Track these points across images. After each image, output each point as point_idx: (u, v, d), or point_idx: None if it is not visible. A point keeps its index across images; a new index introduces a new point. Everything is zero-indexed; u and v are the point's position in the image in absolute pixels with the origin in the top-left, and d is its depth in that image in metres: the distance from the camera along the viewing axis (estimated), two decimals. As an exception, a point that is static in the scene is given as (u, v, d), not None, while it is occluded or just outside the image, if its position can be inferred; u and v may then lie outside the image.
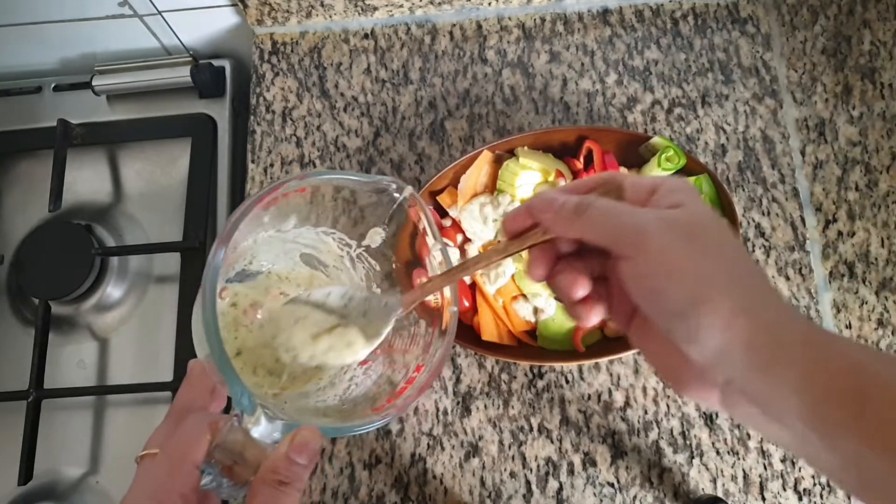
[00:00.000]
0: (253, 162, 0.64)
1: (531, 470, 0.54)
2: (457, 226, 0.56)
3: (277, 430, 0.30)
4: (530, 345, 0.54)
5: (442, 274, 0.36)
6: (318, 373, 0.42)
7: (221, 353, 0.31)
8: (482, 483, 0.54)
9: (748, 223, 0.59)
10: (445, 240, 0.55)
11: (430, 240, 0.41)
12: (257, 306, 0.43)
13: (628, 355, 0.56)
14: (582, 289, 0.31)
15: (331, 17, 0.66)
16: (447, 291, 0.39)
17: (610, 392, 0.55)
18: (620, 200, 0.30)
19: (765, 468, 0.53)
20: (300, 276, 0.46)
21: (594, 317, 0.32)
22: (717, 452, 0.53)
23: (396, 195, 0.41)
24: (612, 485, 0.53)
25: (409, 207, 0.41)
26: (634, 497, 0.53)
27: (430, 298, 0.39)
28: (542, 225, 0.31)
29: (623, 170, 0.56)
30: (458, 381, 0.56)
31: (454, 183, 0.57)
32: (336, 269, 0.46)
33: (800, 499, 0.52)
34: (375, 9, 0.66)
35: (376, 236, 0.44)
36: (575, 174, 0.56)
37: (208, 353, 0.31)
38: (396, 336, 0.42)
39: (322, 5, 0.65)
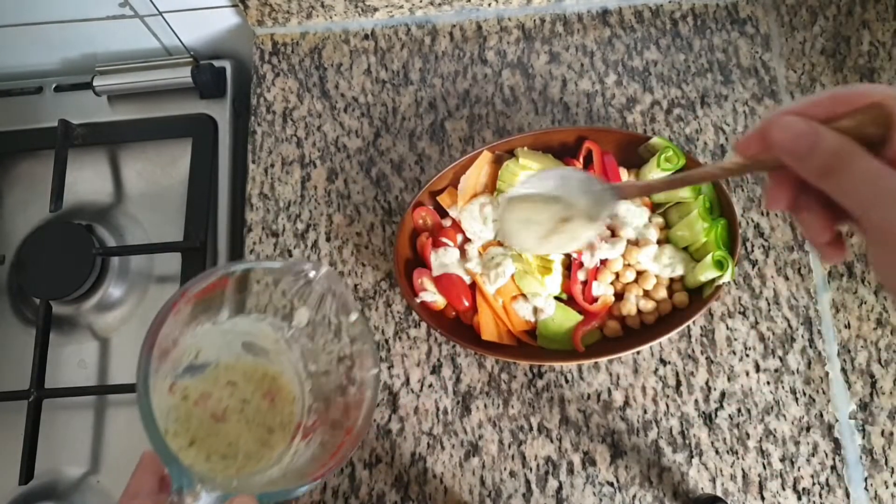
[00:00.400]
0: (253, 162, 0.64)
1: (531, 469, 0.54)
2: (457, 226, 0.56)
3: (216, 502, 0.33)
4: (530, 344, 0.54)
5: (666, 178, 0.36)
6: (269, 452, 0.46)
7: (158, 441, 0.34)
8: (482, 482, 0.54)
9: (747, 223, 0.59)
10: (446, 239, 0.55)
11: (346, 312, 0.44)
12: (207, 396, 0.46)
13: (628, 355, 0.56)
14: (828, 233, 0.28)
15: (331, 17, 0.67)
16: (369, 355, 0.42)
17: (609, 391, 0.55)
18: (885, 142, 0.26)
19: (764, 468, 0.53)
20: (246, 365, 0.48)
21: (839, 259, 0.29)
22: (717, 452, 0.54)
23: (312, 275, 0.43)
24: (611, 484, 0.53)
25: (327, 286, 0.44)
26: (634, 496, 0.53)
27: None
28: (784, 161, 0.27)
29: (623, 170, 0.56)
30: (458, 380, 0.56)
31: (454, 183, 0.57)
32: (276, 353, 0.48)
33: (799, 498, 0.52)
34: (376, 10, 0.66)
35: (303, 317, 0.47)
36: (574, 174, 0.56)
37: None
38: (332, 403, 0.45)
39: (322, 6, 0.65)
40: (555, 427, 0.55)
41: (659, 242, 0.54)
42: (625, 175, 0.56)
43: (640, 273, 0.54)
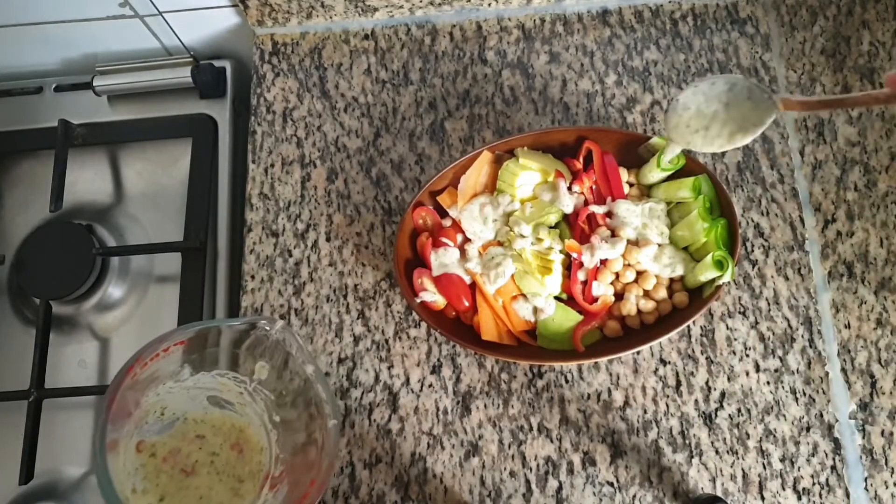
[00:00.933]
0: (254, 162, 0.64)
1: (531, 469, 0.54)
2: (457, 226, 0.56)
3: None
4: (530, 344, 0.54)
5: (824, 97, 0.39)
6: (240, 502, 0.48)
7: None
8: (482, 482, 0.54)
9: (747, 223, 0.59)
10: (446, 239, 0.55)
11: (303, 365, 0.45)
12: (176, 452, 0.48)
13: (628, 355, 0.56)
14: None
15: (331, 17, 0.67)
16: (327, 407, 0.44)
17: (609, 391, 0.55)
18: None
19: (764, 468, 0.53)
20: (214, 418, 0.50)
21: None
22: (717, 452, 0.54)
23: (267, 329, 0.45)
24: (611, 484, 0.53)
25: (282, 340, 0.46)
26: (634, 496, 0.53)
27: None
28: None
29: (623, 170, 0.56)
30: (458, 380, 0.56)
31: (454, 183, 0.57)
32: (242, 405, 0.50)
33: (799, 498, 0.52)
34: (376, 10, 0.66)
35: (263, 370, 0.48)
36: (574, 174, 0.56)
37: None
38: (298, 454, 0.47)
39: (322, 6, 0.65)
40: (555, 427, 0.55)
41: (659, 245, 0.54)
42: (625, 175, 0.56)
43: (640, 273, 0.54)
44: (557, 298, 0.54)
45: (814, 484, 0.53)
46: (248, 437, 0.49)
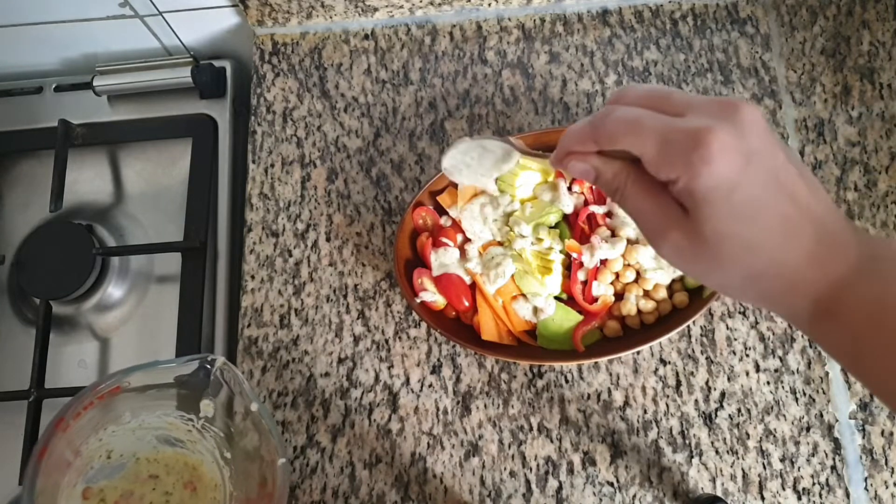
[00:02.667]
0: (254, 162, 0.64)
1: (531, 469, 0.54)
2: (457, 226, 0.56)
3: None
4: (530, 344, 0.54)
5: (534, 154, 0.41)
6: None
7: None
8: (482, 482, 0.54)
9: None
10: (446, 239, 0.55)
11: (245, 401, 0.45)
12: (129, 495, 0.47)
13: (628, 355, 0.56)
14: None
15: (331, 17, 0.67)
16: (274, 445, 0.43)
17: (609, 391, 0.55)
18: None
19: (764, 467, 0.53)
20: (166, 456, 0.49)
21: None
22: (717, 452, 0.54)
23: (208, 367, 0.44)
24: (611, 484, 0.53)
25: (224, 377, 0.45)
26: (634, 496, 0.53)
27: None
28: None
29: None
30: (457, 380, 0.56)
31: (454, 183, 0.57)
32: (192, 442, 0.49)
33: (799, 498, 0.52)
34: (376, 10, 0.66)
35: (208, 408, 0.47)
36: (574, 174, 0.56)
37: None
38: (252, 491, 0.46)
39: (322, 6, 0.65)
40: (555, 427, 0.55)
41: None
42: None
43: (640, 273, 0.54)
44: (557, 298, 0.54)
45: (814, 484, 0.53)
46: (202, 474, 0.49)
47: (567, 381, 0.56)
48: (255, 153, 0.64)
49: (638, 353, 0.56)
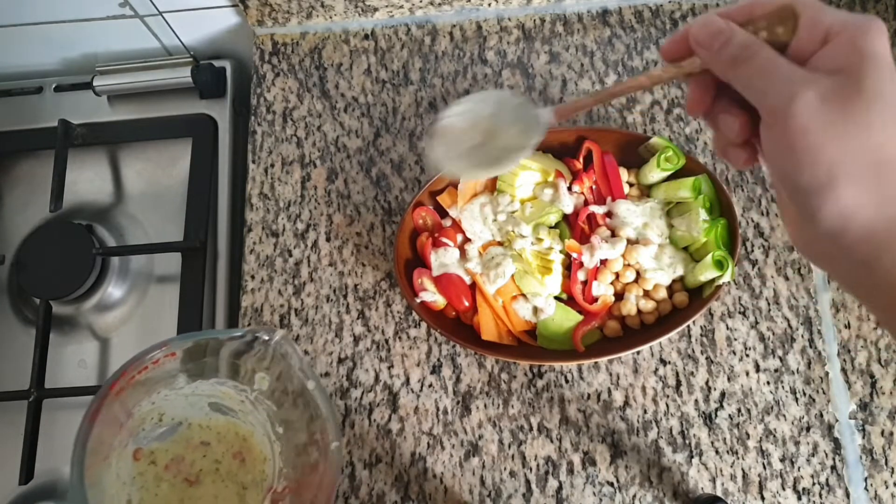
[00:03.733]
0: (254, 162, 0.64)
1: (531, 469, 0.54)
2: (457, 226, 0.56)
3: None
4: (530, 344, 0.54)
5: (592, 94, 0.36)
6: None
7: None
8: (482, 482, 0.54)
9: (747, 223, 0.59)
10: (446, 239, 0.55)
11: (304, 379, 0.44)
12: (179, 460, 0.46)
13: (628, 355, 0.56)
14: (742, 133, 0.30)
15: (331, 17, 0.67)
16: (329, 427, 0.42)
17: (609, 391, 0.55)
18: (790, 39, 0.29)
19: (764, 467, 0.53)
20: (218, 424, 0.48)
21: (747, 164, 0.32)
22: (717, 452, 0.54)
23: (266, 339, 0.43)
24: (611, 484, 0.53)
25: (282, 352, 0.44)
26: (634, 496, 0.53)
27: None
28: (702, 59, 0.30)
29: (623, 170, 0.56)
30: (458, 380, 0.56)
31: (454, 183, 0.57)
32: (244, 413, 0.48)
33: (799, 498, 0.52)
34: (376, 10, 0.66)
35: (263, 382, 0.46)
36: (574, 174, 0.56)
37: None
38: (301, 472, 0.45)
39: (322, 6, 0.65)
40: (555, 427, 0.55)
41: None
42: (625, 175, 0.56)
43: (639, 273, 0.54)
44: (557, 298, 0.54)
45: (814, 484, 0.53)
46: (251, 446, 0.48)
47: (567, 381, 0.56)
48: (255, 153, 0.64)
49: (638, 353, 0.56)
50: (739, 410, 0.54)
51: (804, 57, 0.28)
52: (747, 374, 0.55)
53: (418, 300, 0.54)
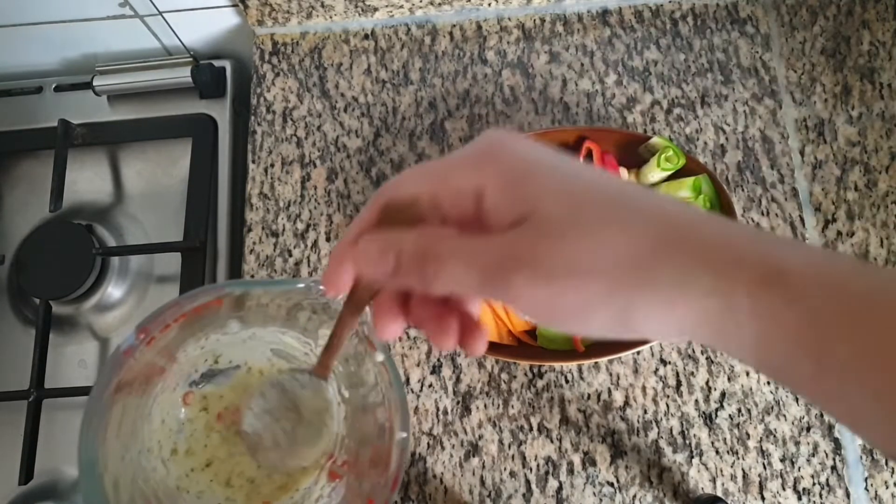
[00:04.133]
0: (254, 162, 0.64)
1: (531, 469, 0.54)
2: (457, 226, 0.56)
3: None
4: (530, 344, 0.54)
5: (327, 346, 0.32)
6: (300, 477, 0.40)
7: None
8: (482, 482, 0.54)
9: (747, 223, 0.59)
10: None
11: (373, 347, 0.38)
12: (234, 410, 0.40)
13: (628, 355, 0.56)
14: (455, 320, 0.26)
15: (331, 17, 0.67)
16: (398, 412, 0.36)
17: (609, 391, 0.55)
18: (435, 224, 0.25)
19: (764, 467, 0.53)
20: (282, 370, 0.41)
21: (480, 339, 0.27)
22: (717, 452, 0.54)
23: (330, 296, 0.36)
24: (611, 484, 0.53)
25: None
26: (634, 496, 0.53)
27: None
28: (382, 285, 0.26)
29: (623, 170, 0.56)
30: (458, 380, 0.56)
31: (454, 183, 0.57)
32: (309, 365, 0.42)
33: (799, 498, 0.52)
34: (376, 9, 0.66)
35: (326, 338, 0.41)
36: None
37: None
38: (363, 450, 0.39)
39: (322, 6, 0.65)
40: (555, 427, 0.55)
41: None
42: (625, 175, 0.56)
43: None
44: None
45: (814, 484, 0.53)
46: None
47: (567, 381, 0.56)
48: (255, 153, 0.64)
49: (638, 353, 0.56)
50: (739, 410, 0.54)
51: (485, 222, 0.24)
52: (747, 374, 0.55)
53: (418, 300, 0.54)
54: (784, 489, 0.52)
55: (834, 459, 0.53)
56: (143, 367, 0.36)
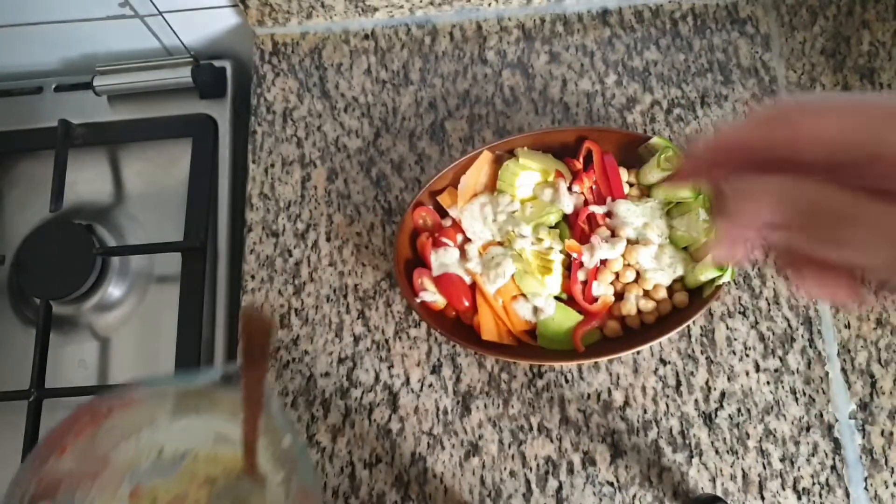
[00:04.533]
0: (254, 162, 0.64)
1: (531, 469, 0.54)
2: (457, 226, 0.56)
3: None
4: (530, 344, 0.54)
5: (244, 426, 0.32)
6: None
7: None
8: (482, 482, 0.54)
9: (747, 223, 0.59)
10: (446, 239, 0.55)
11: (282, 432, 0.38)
12: (182, 499, 0.41)
13: (628, 355, 0.56)
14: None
15: (331, 17, 0.67)
16: (311, 495, 0.36)
17: (609, 391, 0.55)
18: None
19: (764, 467, 0.53)
20: (226, 457, 0.42)
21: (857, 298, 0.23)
22: (717, 452, 0.54)
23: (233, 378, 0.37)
24: (611, 484, 0.53)
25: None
26: (634, 496, 0.53)
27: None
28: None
29: (623, 170, 0.56)
30: (458, 380, 0.56)
31: (454, 183, 0.57)
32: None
33: (798, 498, 0.52)
34: (376, 10, 0.66)
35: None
36: (574, 174, 0.56)
37: None
38: None
39: (322, 6, 0.65)
40: (555, 427, 0.55)
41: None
42: (625, 175, 0.56)
43: (639, 273, 0.54)
44: (557, 298, 0.54)
45: (814, 484, 0.53)
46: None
47: (567, 381, 0.56)
48: (255, 153, 0.64)
49: (638, 353, 0.56)
50: (739, 410, 0.54)
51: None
52: (747, 373, 0.55)
53: (418, 300, 0.54)
54: (784, 489, 0.53)
55: (834, 459, 0.53)
56: (64, 475, 0.36)
